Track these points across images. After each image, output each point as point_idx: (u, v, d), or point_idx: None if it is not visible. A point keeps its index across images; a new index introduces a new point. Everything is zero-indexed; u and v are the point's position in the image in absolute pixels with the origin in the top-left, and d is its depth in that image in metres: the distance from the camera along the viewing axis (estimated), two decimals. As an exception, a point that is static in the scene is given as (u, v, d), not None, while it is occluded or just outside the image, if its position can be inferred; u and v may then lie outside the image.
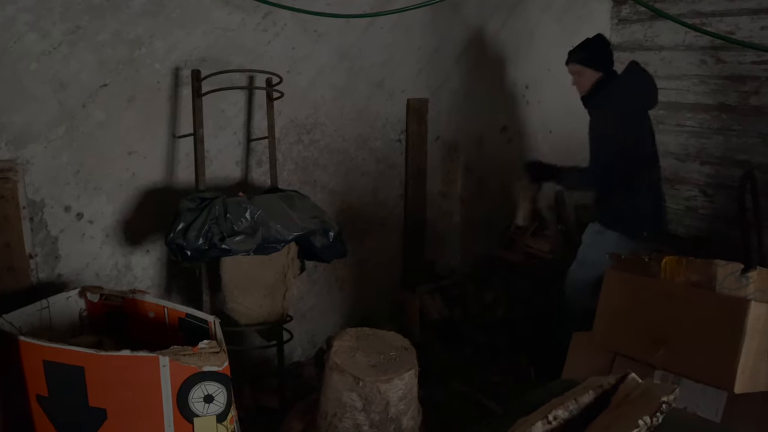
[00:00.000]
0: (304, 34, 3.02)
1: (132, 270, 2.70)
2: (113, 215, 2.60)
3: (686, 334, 2.16)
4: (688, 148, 4.15)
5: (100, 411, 1.88)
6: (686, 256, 2.27)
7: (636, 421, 1.15)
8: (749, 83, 3.85)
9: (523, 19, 4.00)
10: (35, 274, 2.40)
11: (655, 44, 4.26)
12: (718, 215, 4.09)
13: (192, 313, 2.21)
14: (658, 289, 2.28)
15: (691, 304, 2.16)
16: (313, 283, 3.33)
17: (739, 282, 2.10)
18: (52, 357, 1.85)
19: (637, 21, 4.35)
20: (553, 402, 1.25)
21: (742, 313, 2.03)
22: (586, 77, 3.11)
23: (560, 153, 4.17)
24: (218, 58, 2.74)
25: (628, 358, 2.34)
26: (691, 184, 4.20)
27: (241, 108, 2.90)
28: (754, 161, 3.84)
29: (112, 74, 2.48)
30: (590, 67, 3.09)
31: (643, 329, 2.29)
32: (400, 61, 3.46)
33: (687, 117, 4.16)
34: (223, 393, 1.92)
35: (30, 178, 2.36)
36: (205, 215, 2.34)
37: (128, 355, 1.84)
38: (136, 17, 2.50)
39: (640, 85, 3.12)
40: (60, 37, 2.34)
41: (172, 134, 2.69)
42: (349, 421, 2.34)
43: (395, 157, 3.56)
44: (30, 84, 2.30)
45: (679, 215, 4.27)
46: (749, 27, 3.80)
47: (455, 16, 3.66)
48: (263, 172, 3.00)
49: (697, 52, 4.06)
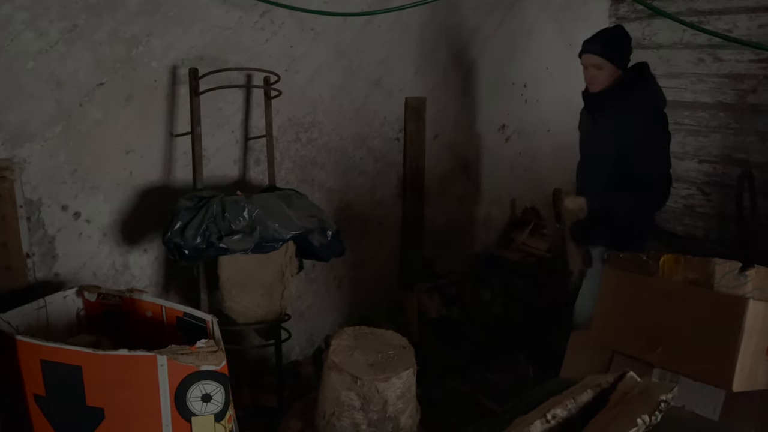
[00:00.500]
0: (302, 33, 3.01)
1: (129, 269, 2.69)
2: (111, 214, 2.59)
3: (684, 333, 2.16)
4: (686, 146, 4.16)
5: (98, 410, 1.87)
6: (684, 255, 2.27)
7: (635, 420, 1.15)
8: (747, 81, 3.86)
9: (520, 17, 4.00)
10: (32, 274, 2.40)
11: (653, 42, 4.26)
12: (716, 214, 4.10)
13: (190, 312, 2.21)
14: (656, 287, 2.28)
15: (689, 303, 2.16)
16: (311, 282, 3.32)
17: (737, 280, 2.11)
18: (49, 356, 1.84)
19: (635, 19, 4.35)
20: (552, 401, 1.25)
21: (741, 311, 2.03)
22: (605, 73, 2.79)
23: (561, 152, 4.18)
24: (216, 56, 2.73)
25: (627, 356, 2.34)
26: (689, 182, 4.20)
27: (238, 106, 2.89)
28: (752, 160, 3.85)
29: (109, 73, 2.48)
30: (612, 63, 2.78)
31: (641, 328, 2.29)
32: (398, 59, 3.46)
33: (685, 115, 4.17)
34: (221, 392, 1.92)
35: (27, 177, 2.35)
36: (203, 214, 2.34)
37: (126, 355, 1.84)
38: (133, 16, 2.50)
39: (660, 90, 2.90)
40: (57, 35, 2.33)
41: (169, 133, 2.69)
42: (347, 420, 2.34)
43: (393, 156, 3.56)
44: (27, 82, 2.29)
45: (677, 214, 4.28)
46: (747, 25, 3.80)
47: (453, 15, 3.66)
48: (261, 171, 3.00)
49: (695, 50, 4.06)
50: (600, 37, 2.84)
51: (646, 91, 2.78)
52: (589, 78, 2.85)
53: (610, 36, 2.84)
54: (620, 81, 2.79)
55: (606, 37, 2.84)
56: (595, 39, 2.82)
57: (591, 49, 2.81)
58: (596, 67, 2.79)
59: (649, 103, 2.77)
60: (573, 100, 3.23)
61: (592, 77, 2.83)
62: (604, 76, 2.79)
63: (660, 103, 2.84)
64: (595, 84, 2.83)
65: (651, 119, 2.75)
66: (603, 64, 2.78)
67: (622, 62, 2.81)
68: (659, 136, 2.78)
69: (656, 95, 2.83)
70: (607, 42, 2.80)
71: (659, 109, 2.82)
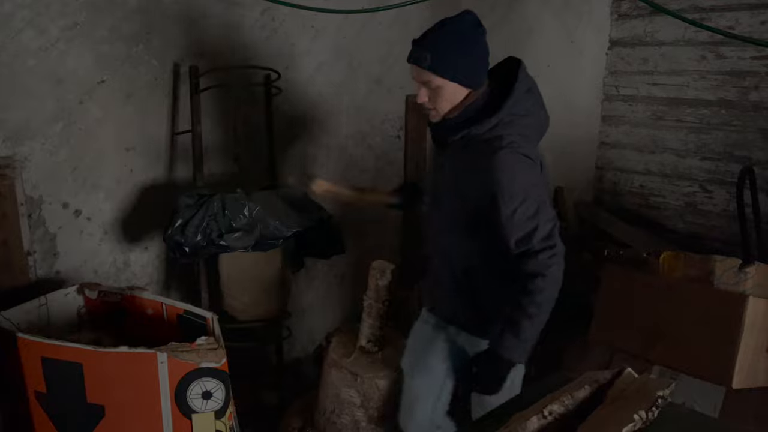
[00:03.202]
0: (303, 30, 3.01)
1: (130, 267, 2.70)
2: (111, 212, 2.60)
3: (684, 330, 2.16)
4: (688, 143, 4.15)
5: (99, 407, 1.88)
6: (684, 252, 2.27)
7: (631, 416, 1.15)
8: (749, 79, 3.84)
9: (521, 14, 3.99)
10: (33, 271, 2.40)
11: (655, 39, 4.25)
12: (717, 211, 4.09)
13: (190, 309, 2.22)
14: (656, 284, 2.28)
15: (689, 300, 2.17)
16: (311, 279, 3.33)
17: (738, 277, 2.11)
18: (50, 354, 1.85)
19: (637, 16, 4.34)
20: (549, 397, 1.26)
21: (741, 308, 2.04)
22: (446, 95, 1.81)
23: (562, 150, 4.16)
24: (216, 54, 2.74)
25: (627, 353, 2.35)
26: (690, 179, 4.19)
27: (239, 104, 2.89)
28: (753, 157, 3.84)
29: (109, 70, 2.48)
30: (454, 81, 1.80)
31: (641, 325, 2.30)
32: (398, 57, 3.44)
33: (687, 112, 4.15)
34: (221, 389, 1.93)
35: (28, 175, 2.36)
36: (204, 212, 2.34)
37: (126, 352, 1.85)
38: (134, 13, 2.50)
39: (540, 108, 1.96)
40: (57, 33, 2.33)
41: (170, 130, 2.69)
42: (348, 417, 2.35)
43: (394, 154, 3.56)
44: (27, 80, 2.30)
45: (678, 211, 4.27)
46: (749, 22, 3.79)
47: (454, 11, 3.64)
48: (261, 168, 3.00)
49: (697, 47, 4.05)
50: (434, 36, 1.82)
51: (512, 112, 1.82)
52: (426, 102, 1.85)
53: (450, 34, 1.82)
54: (473, 104, 1.85)
55: (441, 36, 1.81)
56: (426, 37, 1.82)
57: (415, 56, 1.82)
58: (428, 86, 1.82)
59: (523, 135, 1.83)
60: (574, 99, 3.22)
61: (426, 100, 1.84)
62: (445, 100, 1.82)
63: (540, 129, 1.97)
64: (436, 110, 1.86)
65: (533, 161, 1.83)
66: (432, 82, 1.80)
67: (471, 78, 1.83)
68: (542, 183, 1.90)
69: (537, 119, 1.94)
70: (443, 45, 1.79)
71: (536, 140, 1.93)
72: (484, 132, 1.79)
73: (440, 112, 1.86)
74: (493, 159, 1.74)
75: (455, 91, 1.82)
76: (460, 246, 1.94)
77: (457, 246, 1.96)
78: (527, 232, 1.75)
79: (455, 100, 1.84)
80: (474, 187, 1.80)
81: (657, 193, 4.35)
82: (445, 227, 1.97)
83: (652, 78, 4.29)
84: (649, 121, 4.33)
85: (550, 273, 1.78)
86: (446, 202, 1.93)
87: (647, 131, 4.35)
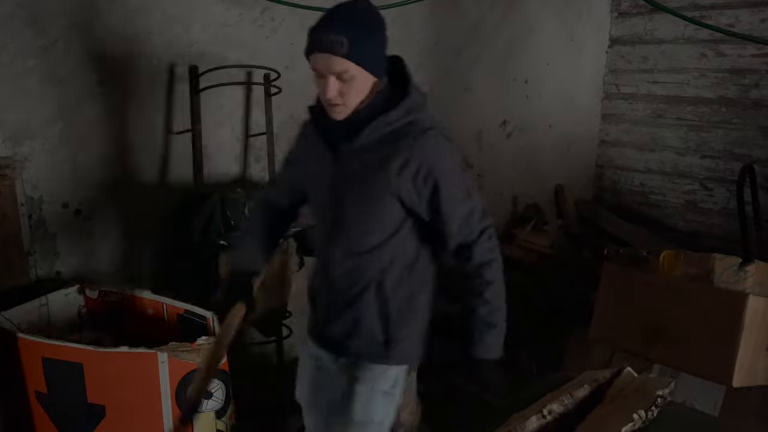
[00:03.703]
0: (302, 30, 2.97)
1: (131, 266, 2.70)
2: (111, 212, 2.60)
3: (684, 329, 2.16)
4: (688, 141, 4.15)
5: (99, 407, 1.89)
6: (684, 250, 2.27)
7: (630, 415, 1.15)
8: (749, 76, 3.84)
9: (521, 12, 3.98)
10: (34, 271, 2.40)
11: (654, 37, 4.24)
12: (717, 209, 4.09)
13: (191, 309, 2.22)
14: (656, 283, 2.28)
15: (689, 299, 2.16)
16: (312, 278, 3.32)
17: (738, 276, 2.10)
18: (51, 354, 1.85)
19: (637, 14, 4.33)
20: (548, 396, 1.26)
21: (741, 307, 2.03)
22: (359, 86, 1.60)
23: (563, 148, 4.17)
24: (216, 53, 2.73)
25: (627, 352, 2.35)
26: (691, 178, 4.19)
27: (239, 104, 2.89)
28: (753, 155, 3.84)
29: (109, 70, 2.48)
30: (369, 69, 1.61)
31: (641, 324, 2.30)
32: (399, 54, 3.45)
33: (687, 110, 4.15)
34: (221, 389, 1.93)
35: (28, 175, 2.36)
36: (204, 211, 2.34)
37: (127, 352, 1.85)
38: (133, 13, 2.50)
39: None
40: (57, 33, 2.33)
41: (170, 130, 2.69)
42: (348, 416, 2.34)
43: (394, 153, 3.55)
44: (27, 80, 2.30)
45: (678, 209, 4.27)
46: (749, 20, 3.78)
47: (454, 10, 3.65)
48: (261, 168, 3.00)
49: (697, 45, 4.05)
50: (342, 19, 1.61)
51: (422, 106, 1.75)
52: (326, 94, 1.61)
53: (361, 16, 1.65)
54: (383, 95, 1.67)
55: (354, 19, 1.62)
56: (334, 22, 1.60)
57: (327, 43, 1.57)
58: (340, 77, 1.58)
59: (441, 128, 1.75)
60: (575, 96, 3.22)
61: (331, 92, 1.60)
62: (355, 91, 1.61)
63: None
64: (343, 105, 1.62)
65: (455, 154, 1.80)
66: (348, 71, 1.57)
67: (375, 66, 1.64)
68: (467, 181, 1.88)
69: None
70: (359, 30, 1.59)
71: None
72: (400, 117, 1.63)
73: (350, 106, 1.62)
74: (422, 140, 1.62)
75: (367, 81, 1.61)
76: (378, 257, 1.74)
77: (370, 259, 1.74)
78: (468, 210, 1.69)
79: (366, 92, 1.62)
80: (401, 178, 1.61)
81: (657, 192, 4.35)
82: (356, 241, 1.73)
83: (652, 76, 4.29)
84: (649, 119, 4.33)
85: (496, 257, 1.75)
86: (356, 213, 1.69)
87: (647, 129, 4.35)
